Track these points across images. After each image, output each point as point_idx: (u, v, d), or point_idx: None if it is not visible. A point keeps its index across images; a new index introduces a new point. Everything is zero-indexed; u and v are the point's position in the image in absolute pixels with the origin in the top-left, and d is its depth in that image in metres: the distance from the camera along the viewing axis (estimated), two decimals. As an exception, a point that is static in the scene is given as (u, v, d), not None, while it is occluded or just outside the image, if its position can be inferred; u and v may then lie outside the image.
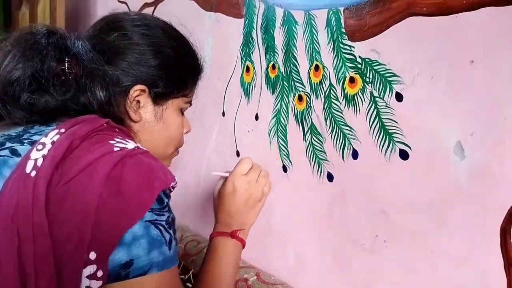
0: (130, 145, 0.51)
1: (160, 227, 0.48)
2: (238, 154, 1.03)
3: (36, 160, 0.45)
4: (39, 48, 0.54)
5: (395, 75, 0.65)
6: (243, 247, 0.72)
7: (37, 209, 0.43)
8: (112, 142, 0.50)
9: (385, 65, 0.67)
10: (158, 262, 0.47)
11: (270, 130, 0.92)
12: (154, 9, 1.33)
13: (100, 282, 0.45)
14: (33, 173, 0.44)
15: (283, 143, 0.89)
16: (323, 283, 0.80)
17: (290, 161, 0.88)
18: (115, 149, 0.49)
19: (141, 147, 0.53)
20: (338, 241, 0.77)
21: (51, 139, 0.47)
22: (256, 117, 0.96)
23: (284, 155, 0.89)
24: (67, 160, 0.46)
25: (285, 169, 0.89)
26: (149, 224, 0.47)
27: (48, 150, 0.46)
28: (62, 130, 0.49)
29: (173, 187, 0.52)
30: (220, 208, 0.72)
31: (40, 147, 0.47)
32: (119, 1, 1.51)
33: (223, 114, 1.07)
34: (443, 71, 0.60)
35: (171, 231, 0.50)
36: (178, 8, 1.23)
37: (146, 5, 1.37)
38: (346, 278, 0.76)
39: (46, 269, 0.43)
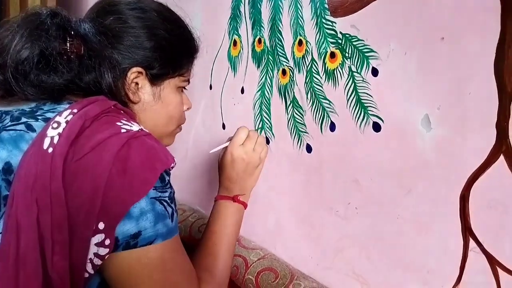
0: (135, 127, 0.55)
1: (164, 203, 0.54)
2: (224, 127, 1.06)
3: (52, 137, 0.49)
4: (44, 28, 0.57)
5: (372, 50, 0.68)
6: (245, 209, 0.80)
7: (55, 181, 0.47)
8: (119, 124, 0.54)
9: (363, 40, 0.70)
10: (162, 233, 0.53)
11: (255, 104, 0.95)
12: (145, -20, 1.33)
13: (107, 250, 0.50)
14: (50, 150, 0.48)
15: (266, 116, 0.92)
16: (300, 248, 0.85)
17: (272, 133, 0.91)
18: (122, 130, 0.53)
19: (144, 129, 0.57)
20: (315, 209, 0.81)
21: (65, 118, 0.51)
22: (242, 91, 0.99)
23: (267, 127, 0.92)
24: (79, 138, 0.50)
25: (268, 141, 0.92)
26: (154, 200, 0.52)
27: (63, 129, 0.50)
28: (75, 111, 0.52)
29: (172, 167, 0.57)
30: (222, 175, 0.80)
31: (55, 125, 0.50)
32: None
33: (210, 87, 1.10)
34: (416, 47, 0.63)
35: (172, 205, 0.56)
36: (168, -20, 1.23)
37: (137, -24, 1.37)
38: (320, 244, 0.80)
39: (61, 236, 0.48)
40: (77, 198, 0.48)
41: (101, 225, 0.49)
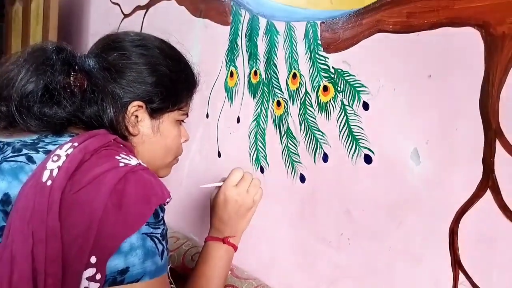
0: (133, 161, 0.56)
1: (155, 239, 0.53)
2: (219, 155, 1.07)
3: (52, 170, 0.50)
4: (49, 63, 0.59)
5: (363, 85, 0.71)
6: (235, 251, 0.78)
7: (52, 214, 0.48)
8: (117, 157, 0.55)
9: (354, 76, 0.72)
10: (151, 270, 0.52)
11: (250, 133, 0.97)
12: (146, 12, 1.37)
13: (97, 285, 0.50)
14: (49, 182, 0.49)
15: (261, 146, 0.94)
16: (293, 279, 0.85)
17: (267, 162, 0.92)
18: (120, 164, 0.53)
19: (142, 163, 0.57)
20: (308, 239, 0.82)
21: (65, 151, 0.52)
22: (238, 120, 1.01)
23: (262, 156, 0.93)
24: (78, 171, 0.51)
25: (262, 170, 0.94)
26: (145, 236, 0.51)
27: (63, 162, 0.51)
28: (76, 144, 0.54)
29: (168, 202, 0.57)
30: (213, 215, 0.77)
31: (55, 158, 0.51)
32: (112, 2, 1.55)
33: (207, 116, 1.12)
34: (405, 83, 0.65)
35: (164, 243, 0.54)
36: (169, 12, 1.28)
37: (138, 7, 1.41)
38: (313, 274, 0.80)
39: (54, 269, 0.47)
40: (72, 231, 0.48)
41: (93, 259, 0.49)
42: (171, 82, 0.67)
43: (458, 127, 0.59)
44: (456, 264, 0.59)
